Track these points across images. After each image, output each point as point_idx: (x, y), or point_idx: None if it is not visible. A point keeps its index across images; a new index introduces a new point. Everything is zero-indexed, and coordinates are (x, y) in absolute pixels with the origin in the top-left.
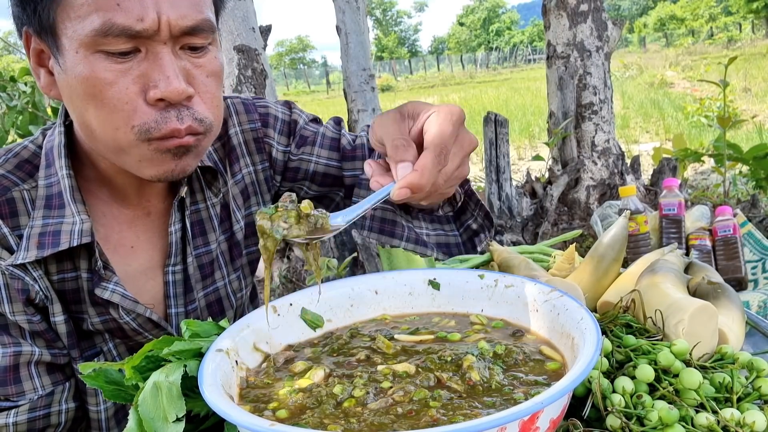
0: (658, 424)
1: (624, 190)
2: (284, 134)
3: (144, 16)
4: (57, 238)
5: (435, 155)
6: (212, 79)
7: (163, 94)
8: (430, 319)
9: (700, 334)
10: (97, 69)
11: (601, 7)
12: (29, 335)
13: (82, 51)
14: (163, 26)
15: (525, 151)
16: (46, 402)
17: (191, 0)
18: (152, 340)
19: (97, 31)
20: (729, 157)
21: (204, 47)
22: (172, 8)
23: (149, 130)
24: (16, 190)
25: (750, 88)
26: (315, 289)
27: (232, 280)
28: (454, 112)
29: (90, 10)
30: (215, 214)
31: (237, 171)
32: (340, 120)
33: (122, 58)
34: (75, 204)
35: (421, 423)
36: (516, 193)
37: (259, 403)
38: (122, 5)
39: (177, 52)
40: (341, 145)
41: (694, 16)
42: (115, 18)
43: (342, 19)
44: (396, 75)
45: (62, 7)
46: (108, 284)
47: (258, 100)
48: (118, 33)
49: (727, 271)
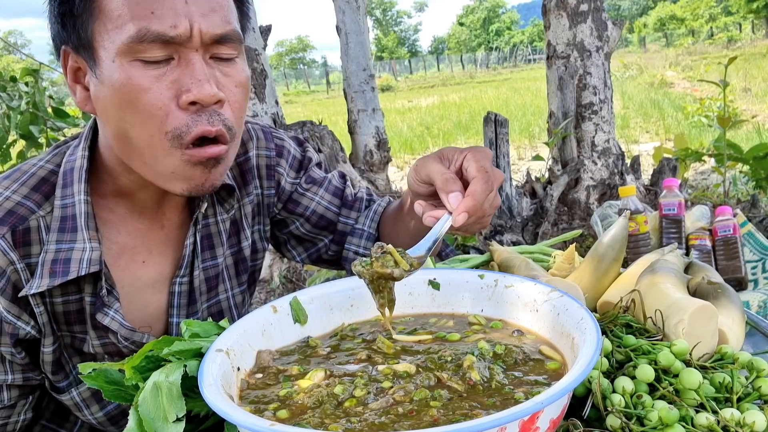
0: (658, 424)
1: (624, 190)
2: (294, 168)
3: (177, 23)
4: (67, 266)
5: (484, 181)
6: (240, 89)
7: (196, 97)
8: (427, 319)
9: (700, 334)
10: (132, 76)
11: (601, 7)
12: (8, 363)
13: (119, 59)
14: (195, 33)
15: (525, 151)
16: (6, 414)
17: (220, 12)
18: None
19: (133, 38)
20: (729, 157)
21: (232, 58)
22: (203, 18)
23: (181, 134)
24: (33, 218)
25: (750, 88)
26: (315, 288)
27: (236, 294)
28: (485, 151)
29: (126, 19)
30: (224, 230)
31: (250, 191)
32: (345, 174)
33: (157, 66)
34: (87, 230)
35: (421, 423)
36: (516, 193)
37: (260, 404)
38: (156, 13)
39: (208, 60)
40: (344, 194)
41: (694, 16)
42: (150, 25)
43: (342, 19)
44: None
45: (100, 20)
46: (109, 310)
47: (274, 131)
48: (152, 39)
49: (727, 271)
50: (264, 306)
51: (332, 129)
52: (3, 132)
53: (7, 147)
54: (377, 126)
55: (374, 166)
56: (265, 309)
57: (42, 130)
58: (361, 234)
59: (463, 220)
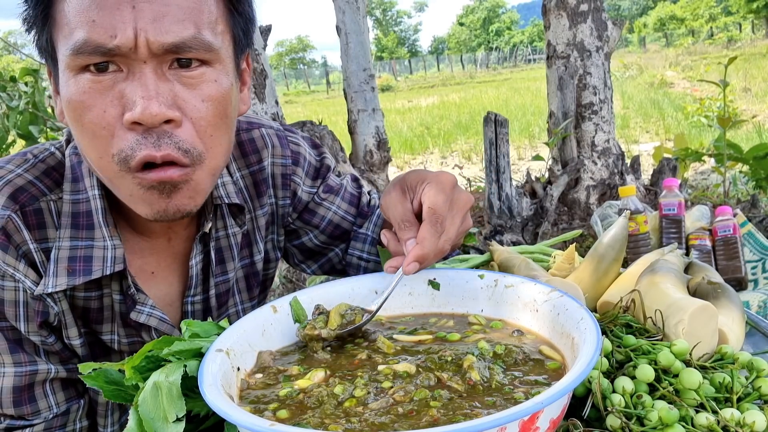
0: (658, 424)
1: (624, 190)
2: (310, 176)
3: (117, 32)
4: (89, 264)
5: (431, 226)
6: (208, 104)
7: (137, 117)
8: (427, 319)
9: (700, 334)
10: (77, 91)
11: (601, 7)
12: (44, 353)
13: (67, 73)
14: (141, 43)
15: (525, 151)
16: (62, 422)
17: (180, 15)
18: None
19: (72, 49)
20: (729, 157)
21: (197, 69)
22: (153, 23)
23: (126, 158)
24: (43, 200)
25: (750, 88)
26: (315, 288)
27: (246, 308)
28: (445, 181)
29: (72, 28)
30: (235, 243)
31: (264, 202)
32: (358, 178)
33: (101, 74)
34: (107, 227)
35: (421, 423)
36: (516, 193)
37: (260, 404)
38: (98, 21)
39: (164, 72)
40: (360, 203)
41: (694, 16)
42: (90, 34)
43: (342, 19)
44: (396, 75)
45: (56, 29)
46: (143, 308)
47: (290, 134)
48: (91, 51)
49: (727, 271)
50: (264, 306)
51: (332, 129)
52: (2, 132)
53: (6, 147)
54: (377, 126)
55: (374, 166)
56: (265, 309)
57: (42, 130)
58: (364, 239)
59: (414, 269)
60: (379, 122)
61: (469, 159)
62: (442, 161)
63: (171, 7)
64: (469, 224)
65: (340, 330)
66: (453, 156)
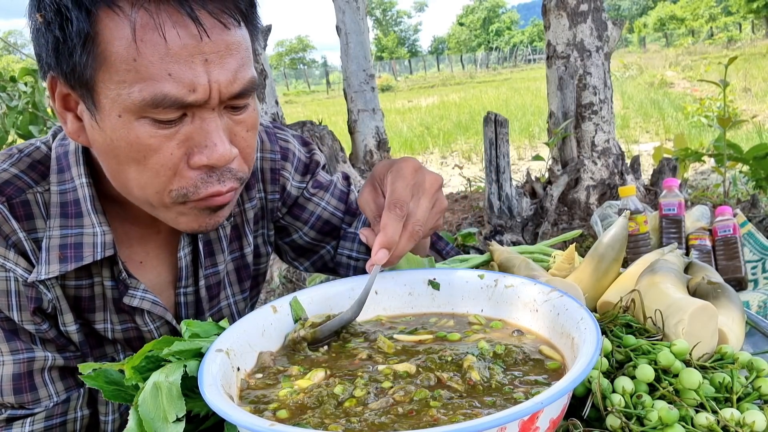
0: (658, 424)
1: (624, 190)
2: (299, 172)
3: (196, 86)
4: (79, 251)
5: (389, 211)
6: (251, 132)
7: (210, 162)
8: (427, 319)
9: (700, 334)
10: (141, 135)
11: (601, 7)
12: (39, 341)
13: (126, 116)
14: (214, 94)
15: (525, 151)
16: (62, 410)
17: (240, 59)
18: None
19: (147, 102)
20: (729, 157)
21: (246, 105)
22: (222, 72)
23: (187, 194)
24: (30, 192)
25: (750, 88)
26: (315, 288)
27: (238, 300)
28: (405, 167)
29: (137, 78)
30: (224, 236)
31: (253, 196)
32: (348, 176)
33: (169, 125)
34: (96, 214)
35: (421, 423)
36: (516, 193)
37: (260, 404)
38: (174, 75)
39: (221, 112)
40: (348, 200)
41: (694, 16)
42: (166, 89)
43: (342, 19)
44: (396, 75)
45: (105, 69)
46: (136, 291)
47: (279, 130)
48: (169, 104)
49: (727, 271)
50: (264, 306)
51: (332, 129)
52: (2, 132)
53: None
54: (377, 126)
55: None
56: (265, 309)
57: (41, 130)
58: (353, 238)
59: (384, 256)
60: (379, 122)
61: (469, 159)
62: (442, 161)
63: (233, 54)
64: (442, 205)
65: (319, 326)
66: (453, 156)
